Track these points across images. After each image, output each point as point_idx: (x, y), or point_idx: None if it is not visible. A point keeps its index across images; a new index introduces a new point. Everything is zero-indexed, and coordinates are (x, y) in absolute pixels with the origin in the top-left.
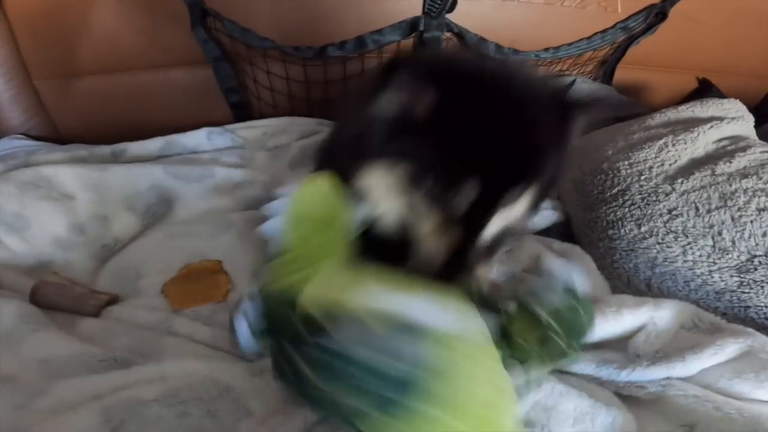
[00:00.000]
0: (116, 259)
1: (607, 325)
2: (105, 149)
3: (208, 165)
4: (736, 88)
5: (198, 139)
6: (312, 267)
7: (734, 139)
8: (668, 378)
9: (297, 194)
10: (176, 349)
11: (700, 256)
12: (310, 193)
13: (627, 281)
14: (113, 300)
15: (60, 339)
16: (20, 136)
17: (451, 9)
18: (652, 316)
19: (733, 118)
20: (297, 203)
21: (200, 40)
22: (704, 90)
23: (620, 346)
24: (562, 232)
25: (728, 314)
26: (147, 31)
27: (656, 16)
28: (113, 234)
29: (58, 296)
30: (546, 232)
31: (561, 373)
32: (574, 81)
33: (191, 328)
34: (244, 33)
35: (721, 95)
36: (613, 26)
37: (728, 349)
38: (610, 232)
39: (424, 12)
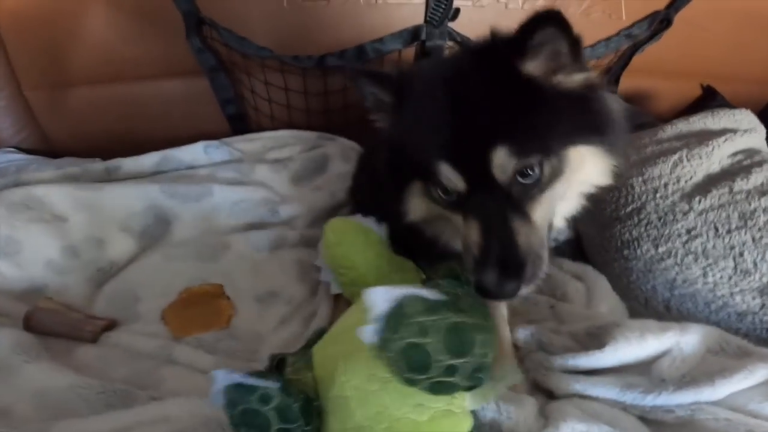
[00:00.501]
0: (113, 283)
1: (630, 350)
2: (98, 166)
3: (205, 182)
4: (740, 94)
5: (194, 153)
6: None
7: (749, 152)
8: (696, 402)
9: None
10: (176, 379)
11: (721, 278)
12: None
13: (645, 302)
14: (111, 325)
15: (55, 370)
16: (11, 149)
17: (454, 17)
18: (678, 341)
19: (746, 130)
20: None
21: (195, 50)
22: (708, 97)
23: (643, 370)
24: (573, 249)
25: (750, 336)
26: (141, 41)
27: (661, 23)
28: (109, 257)
29: (53, 322)
30: (557, 249)
31: (582, 398)
32: None
33: (192, 356)
34: (240, 42)
35: (725, 102)
36: (617, 33)
37: (759, 373)
38: (626, 252)
39: (426, 20)
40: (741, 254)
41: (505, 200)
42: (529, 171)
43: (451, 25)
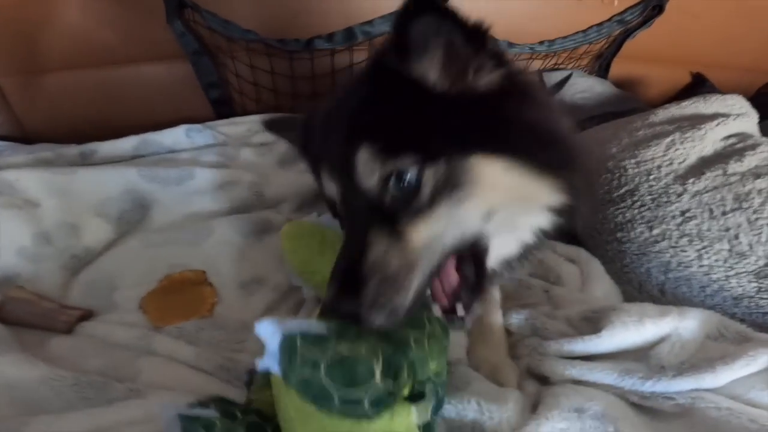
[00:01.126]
0: (88, 271)
1: (628, 335)
2: (73, 150)
3: (187, 165)
4: (729, 82)
5: (176, 137)
6: None
7: (741, 136)
8: (696, 389)
9: None
10: (155, 371)
11: (717, 260)
12: None
13: (639, 286)
14: (86, 315)
15: (26, 362)
16: None
17: (445, 1)
18: (676, 327)
19: (738, 115)
20: None
21: (177, 33)
22: (698, 84)
23: (640, 356)
24: (565, 233)
25: (746, 321)
26: (119, 25)
27: (653, 9)
28: (83, 243)
29: (25, 312)
30: (549, 233)
31: (578, 383)
32: (570, 75)
33: (173, 346)
34: (225, 25)
35: (714, 89)
36: (610, 19)
37: (760, 359)
38: (620, 234)
39: None
40: (736, 236)
41: (371, 211)
42: (403, 178)
43: None
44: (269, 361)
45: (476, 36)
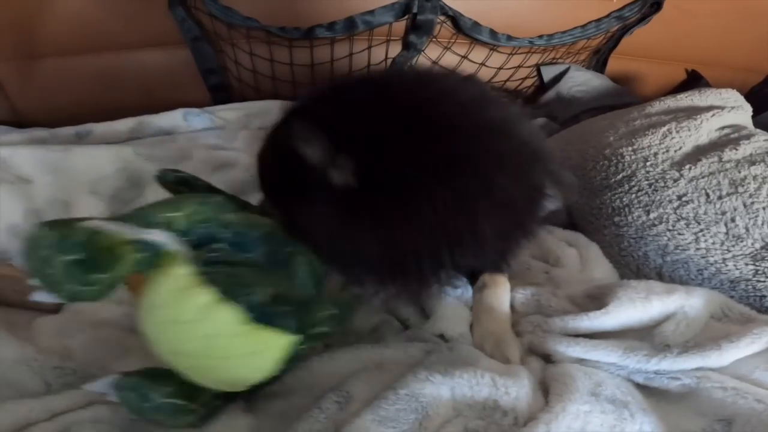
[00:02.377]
0: None
1: (634, 312)
2: (68, 130)
3: (184, 146)
4: (724, 80)
5: (173, 120)
6: None
7: (736, 127)
8: (701, 368)
9: None
10: (142, 351)
11: (713, 243)
12: None
13: (636, 269)
14: None
15: (7, 341)
16: None
17: None
18: (683, 305)
19: (732, 107)
20: None
21: (178, 19)
22: (693, 81)
23: (644, 336)
24: (562, 219)
25: (743, 304)
26: (118, 10)
27: (651, 6)
28: None
29: (12, 290)
30: (545, 219)
31: (581, 362)
32: (568, 68)
33: None
34: (226, 12)
35: (708, 86)
36: (608, 15)
37: (765, 338)
38: (617, 218)
39: None
40: (733, 219)
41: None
42: None
43: None
44: None
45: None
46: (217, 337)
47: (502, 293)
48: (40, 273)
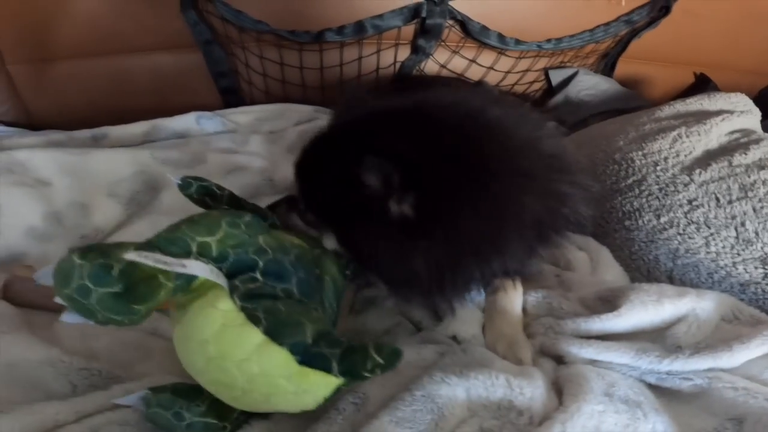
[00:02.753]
0: None
1: (646, 315)
2: (84, 133)
3: (199, 150)
4: (732, 83)
5: (186, 123)
6: None
7: (745, 132)
8: (712, 369)
9: None
10: (164, 354)
11: (723, 247)
12: None
13: (647, 273)
14: None
15: (32, 342)
16: None
17: None
18: (694, 307)
19: (742, 112)
20: None
21: (190, 23)
22: (701, 84)
23: (655, 338)
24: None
25: (753, 306)
26: (131, 13)
27: (660, 10)
28: (93, 223)
29: (33, 292)
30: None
31: (596, 362)
32: (576, 72)
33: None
34: (237, 15)
35: (717, 90)
36: (617, 19)
37: None
38: (627, 222)
39: None
40: (743, 224)
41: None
42: None
43: (452, 3)
44: None
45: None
46: (266, 377)
47: (514, 296)
48: (73, 300)
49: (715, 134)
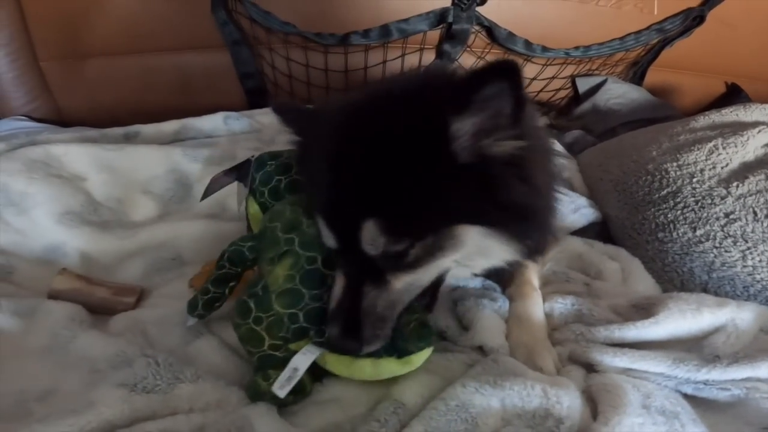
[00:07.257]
0: (135, 247)
1: (684, 323)
2: (117, 131)
3: (228, 148)
4: (763, 93)
5: (214, 122)
6: None
7: None
8: (750, 378)
9: None
10: (210, 354)
11: (761, 261)
12: None
13: (681, 285)
14: (141, 296)
15: (101, 338)
16: (22, 117)
17: (483, 1)
18: (733, 318)
19: None
20: None
21: (220, 23)
22: (732, 94)
23: (691, 347)
24: (599, 232)
25: None
26: (162, 13)
27: (694, 19)
28: (130, 218)
29: (79, 303)
30: (582, 231)
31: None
32: (605, 80)
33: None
34: (265, 16)
35: (748, 100)
36: (648, 28)
37: None
38: (661, 234)
39: (453, 3)
40: None
41: (367, 266)
42: (399, 248)
43: (479, 9)
44: None
45: (520, 108)
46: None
47: (531, 304)
48: None
49: (752, 146)
